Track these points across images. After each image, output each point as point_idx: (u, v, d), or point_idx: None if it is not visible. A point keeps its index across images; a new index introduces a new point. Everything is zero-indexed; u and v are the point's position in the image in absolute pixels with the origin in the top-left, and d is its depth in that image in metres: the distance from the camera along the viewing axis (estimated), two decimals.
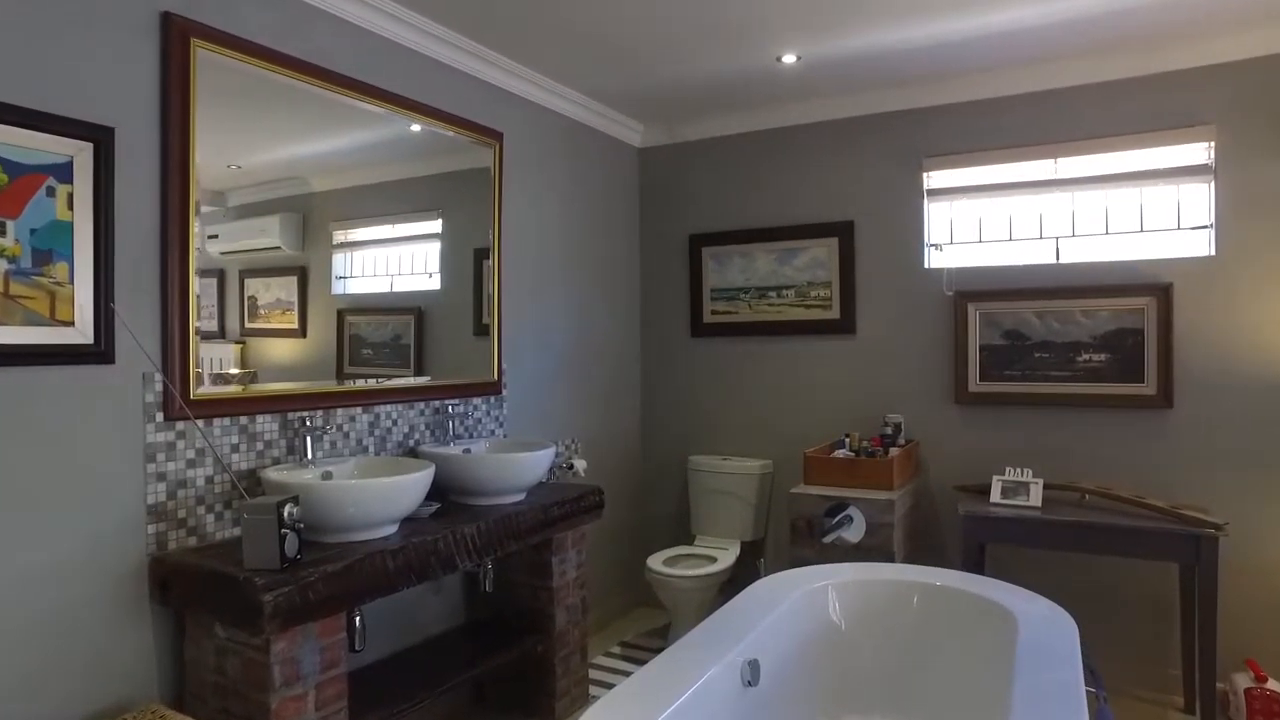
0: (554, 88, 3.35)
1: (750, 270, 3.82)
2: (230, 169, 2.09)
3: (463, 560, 2.25)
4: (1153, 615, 3.02)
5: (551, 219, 3.46)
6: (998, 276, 3.26)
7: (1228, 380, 2.89)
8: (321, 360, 2.38)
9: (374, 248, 2.55)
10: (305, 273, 2.31)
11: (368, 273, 2.52)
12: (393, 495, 2.05)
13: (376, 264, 2.55)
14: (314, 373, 2.34)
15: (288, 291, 2.26)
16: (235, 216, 2.12)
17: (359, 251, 2.48)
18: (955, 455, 3.35)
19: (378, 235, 2.54)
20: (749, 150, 3.81)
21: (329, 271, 2.40)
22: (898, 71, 3.20)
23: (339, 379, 2.41)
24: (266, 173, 2.19)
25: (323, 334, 2.37)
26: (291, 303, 2.27)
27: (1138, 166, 3.03)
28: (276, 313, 2.24)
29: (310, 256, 2.33)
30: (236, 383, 2.14)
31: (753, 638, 2.03)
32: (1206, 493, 2.93)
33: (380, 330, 2.56)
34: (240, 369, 2.15)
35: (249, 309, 2.17)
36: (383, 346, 2.57)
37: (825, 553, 2.90)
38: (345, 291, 2.44)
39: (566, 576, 2.82)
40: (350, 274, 2.46)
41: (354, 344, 2.46)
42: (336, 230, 2.41)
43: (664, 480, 4.08)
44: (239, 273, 2.15)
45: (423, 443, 2.75)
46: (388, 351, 2.58)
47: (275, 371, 2.24)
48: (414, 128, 2.66)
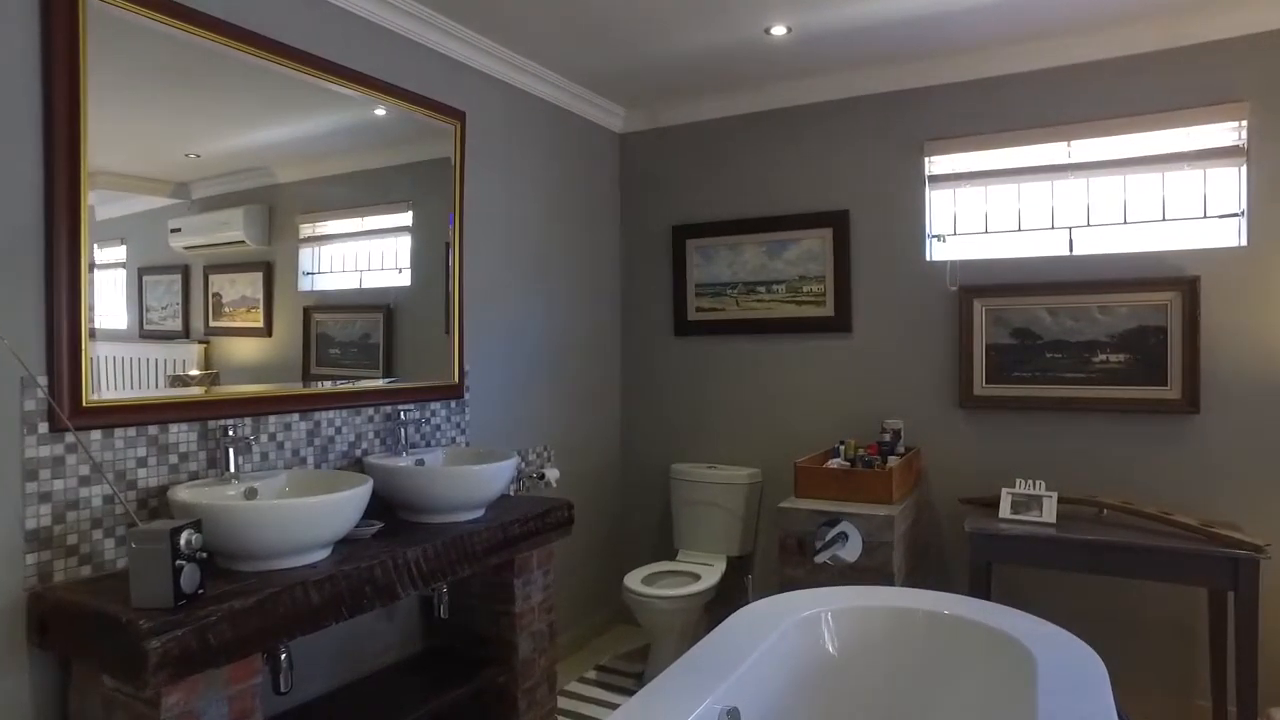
0: (526, 65, 3.08)
1: (738, 264, 3.55)
2: (189, 158, 1.98)
3: (405, 588, 1.97)
4: (1178, 641, 2.76)
5: (524, 208, 3.19)
6: (1006, 270, 3.00)
7: (1261, 383, 2.64)
8: (287, 360, 2.25)
9: (342, 242, 2.42)
10: (271, 268, 2.20)
11: (336, 268, 2.39)
12: (321, 516, 1.78)
13: (345, 259, 2.42)
14: (279, 374, 2.22)
15: (253, 288, 2.16)
16: (198, 209, 2.01)
17: (327, 246, 2.36)
18: (959, 464, 3.09)
19: (346, 229, 2.42)
20: (737, 135, 3.54)
21: (296, 267, 2.28)
22: (897, 46, 2.94)
23: (305, 380, 2.29)
24: (228, 163, 2.08)
25: (289, 333, 2.25)
26: (257, 300, 2.17)
27: (1160, 149, 2.77)
28: (241, 311, 2.13)
29: (276, 251, 2.22)
30: (197, 384, 2.00)
31: (736, 678, 1.77)
32: (1236, 508, 2.67)
33: (348, 329, 2.42)
34: (203, 370, 2.01)
35: (213, 307, 2.06)
36: (351, 346, 2.42)
37: (817, 573, 2.64)
38: (313, 288, 2.32)
39: (531, 600, 2.55)
40: (318, 270, 2.34)
41: (321, 343, 2.34)
42: (303, 223, 2.30)
43: (645, 490, 3.81)
44: (203, 269, 2.04)
45: (371, 452, 2.48)
46: (356, 351, 2.44)
47: (240, 372, 2.12)
48: (378, 111, 2.50)
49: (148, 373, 1.90)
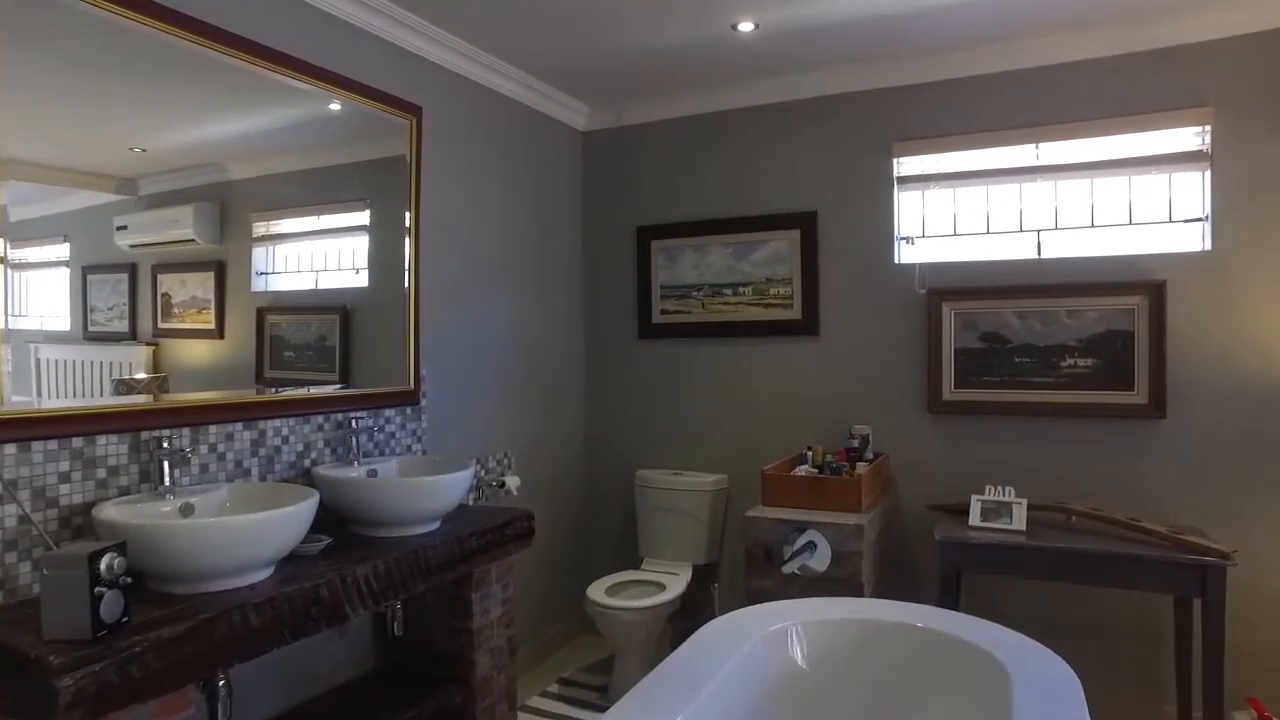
0: (486, 59, 2.97)
1: (704, 265, 3.48)
2: (134, 152, 1.89)
3: (354, 608, 1.86)
4: (1144, 647, 2.76)
5: (483, 207, 3.08)
6: (975, 273, 2.97)
7: (1225, 388, 2.64)
8: (240, 363, 2.17)
9: (298, 241, 2.33)
10: (223, 268, 2.12)
11: (291, 269, 2.30)
12: (262, 534, 1.66)
13: (300, 259, 2.33)
14: (232, 376, 2.13)
15: (204, 288, 2.08)
16: (146, 206, 1.93)
17: (282, 245, 2.28)
18: (928, 470, 3.05)
19: (301, 228, 2.34)
20: (703, 134, 3.47)
21: (249, 267, 2.19)
22: (865, 45, 2.89)
23: (259, 382, 2.19)
24: (177, 158, 2.00)
25: (242, 335, 2.17)
26: (208, 301, 2.09)
27: (1127, 152, 2.77)
28: (192, 312, 2.06)
29: (229, 250, 2.14)
30: (143, 389, 1.91)
31: (706, 694, 1.69)
32: (1201, 513, 2.67)
33: (304, 331, 2.34)
34: (151, 373, 1.93)
35: (162, 307, 1.98)
36: (306, 348, 2.33)
37: (786, 584, 2.58)
38: (267, 289, 2.24)
39: (490, 615, 2.44)
40: (272, 270, 2.25)
41: (275, 345, 2.25)
42: (257, 222, 2.21)
43: (608, 497, 3.72)
44: (151, 268, 1.96)
45: (321, 463, 2.36)
46: (311, 354, 2.35)
47: (190, 375, 2.03)
48: (333, 106, 2.40)
49: (92, 376, 1.80)
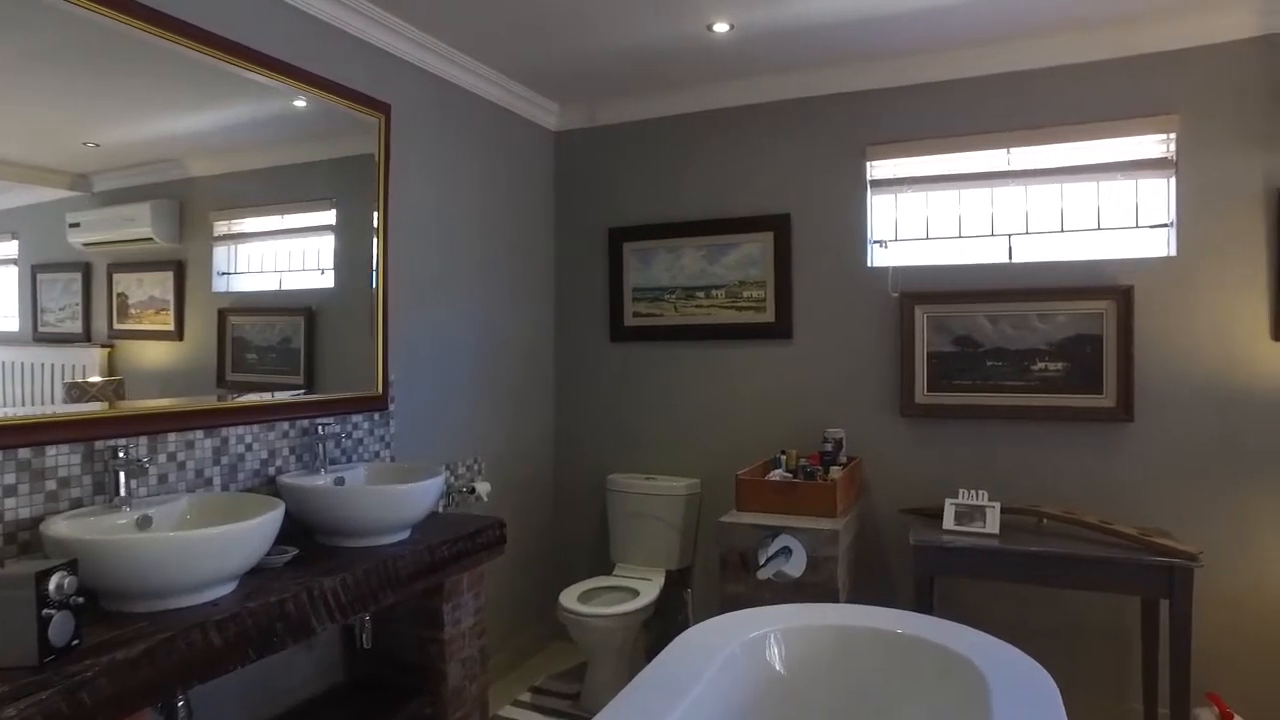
0: (456, 57, 2.92)
1: (676, 268, 3.46)
2: (88, 147, 1.83)
3: (322, 622, 1.80)
4: (1112, 647, 2.79)
5: (452, 208, 3.02)
6: (947, 276, 2.99)
7: (1190, 391, 2.69)
8: (201, 365, 2.11)
9: (261, 241, 2.27)
10: (183, 268, 2.06)
11: (254, 268, 2.24)
12: (225, 547, 1.60)
13: (264, 259, 2.27)
14: (192, 379, 2.08)
15: (162, 289, 2.02)
16: (101, 203, 1.87)
17: (244, 245, 2.22)
18: (901, 474, 3.06)
19: (265, 227, 2.28)
20: (676, 135, 3.45)
21: (210, 266, 2.13)
22: (840, 48, 2.89)
23: (220, 385, 2.13)
24: (134, 153, 1.93)
25: (202, 336, 2.11)
26: (167, 301, 2.03)
27: (1095, 158, 2.80)
28: (150, 312, 2.00)
29: (189, 249, 2.08)
30: (97, 392, 1.85)
31: (686, 706, 1.66)
32: (1167, 514, 2.71)
33: (267, 333, 2.28)
34: (106, 376, 1.86)
35: (118, 308, 1.92)
36: (269, 351, 2.27)
37: (760, 590, 2.56)
38: (228, 289, 2.19)
39: (461, 625, 2.39)
40: (234, 269, 2.20)
41: (237, 347, 2.19)
42: (218, 221, 2.15)
43: (580, 502, 3.68)
44: (106, 267, 1.91)
45: (286, 470, 2.29)
46: (274, 356, 2.29)
47: (148, 378, 1.97)
48: (298, 102, 2.33)
49: (42, 380, 1.73)
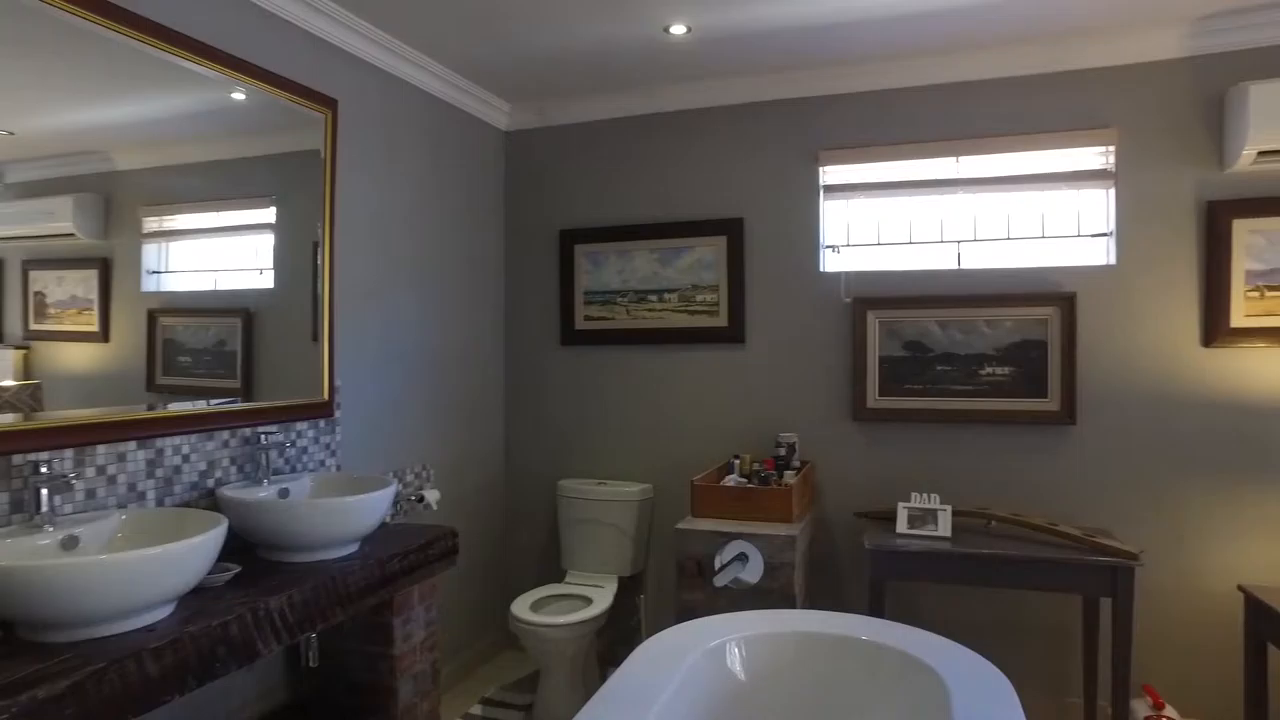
0: (406, 53, 2.83)
1: (628, 271, 3.43)
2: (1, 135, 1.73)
3: (268, 644, 1.71)
4: (1053, 643, 2.87)
5: (401, 207, 2.93)
6: (898, 282, 3.03)
7: (1129, 395, 2.78)
8: (128, 369, 1.99)
9: (195, 238, 2.17)
10: (108, 265, 1.96)
11: (187, 267, 2.14)
12: (160, 569, 1.50)
13: (198, 257, 2.17)
14: (118, 384, 1.96)
15: (85, 287, 1.92)
16: (15, 195, 1.77)
17: (176, 242, 2.12)
18: (853, 478, 3.09)
19: (199, 224, 2.18)
20: (629, 137, 3.42)
21: (138, 265, 2.03)
22: (795, 53, 2.90)
23: (149, 390, 2.02)
24: (54, 143, 1.83)
25: (130, 338, 2.00)
26: (90, 301, 1.93)
27: (1039, 168, 2.88)
28: (71, 312, 1.89)
29: (115, 246, 1.97)
30: (11, 398, 1.74)
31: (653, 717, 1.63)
32: (1108, 514, 2.80)
33: (201, 335, 2.17)
34: (21, 380, 1.76)
35: (35, 307, 1.82)
36: (204, 353, 2.17)
37: (717, 597, 2.55)
38: (159, 289, 2.08)
39: (413, 640, 2.31)
40: (165, 268, 2.09)
41: (169, 350, 2.08)
42: (148, 216, 2.05)
43: (530, 508, 3.62)
44: (21, 263, 1.80)
45: (227, 482, 2.17)
46: (209, 359, 2.18)
47: (70, 382, 1.86)
48: (236, 95, 2.22)
49: None
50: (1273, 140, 2.50)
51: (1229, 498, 2.69)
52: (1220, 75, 2.68)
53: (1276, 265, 2.65)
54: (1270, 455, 2.65)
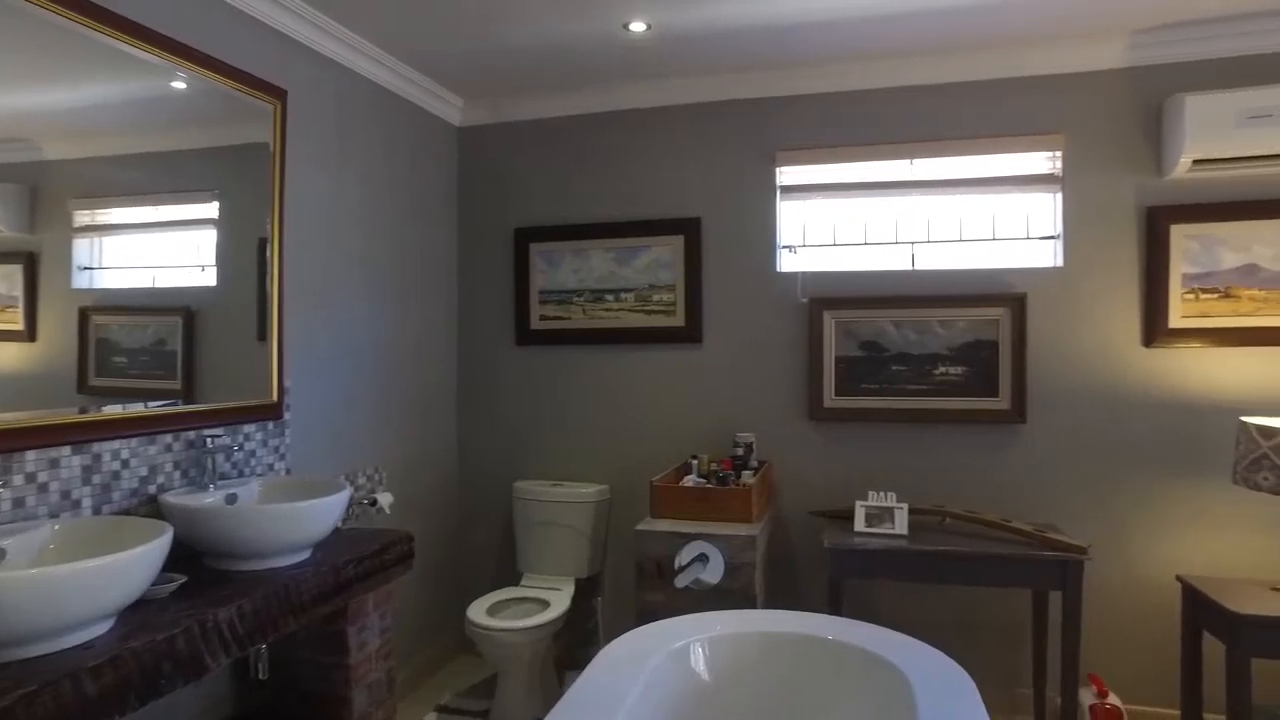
0: (359, 44, 2.75)
1: (585, 270, 3.40)
2: None
3: (216, 657, 1.63)
4: (1003, 637, 2.94)
5: (352, 203, 2.84)
6: (854, 283, 3.06)
7: (1076, 394, 2.86)
8: (58, 369, 1.89)
9: (131, 233, 2.07)
10: (34, 260, 1.86)
11: (122, 263, 2.04)
12: (97, 584, 1.41)
13: (134, 253, 2.07)
14: (46, 384, 1.86)
15: (9, 283, 1.83)
16: None
17: (110, 237, 2.02)
18: (809, 477, 3.11)
19: (135, 218, 2.08)
20: (586, 135, 3.38)
21: (69, 260, 1.93)
22: (754, 54, 2.91)
23: (81, 392, 1.91)
24: None
25: (60, 337, 1.91)
26: (14, 298, 1.83)
27: (991, 172, 2.94)
28: None
29: (42, 241, 1.87)
30: None
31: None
32: (1056, 509, 2.88)
33: (138, 334, 2.07)
34: None
35: None
36: (141, 354, 2.07)
37: (678, 598, 2.54)
38: (91, 285, 1.98)
39: (368, 649, 2.24)
40: (99, 264, 1.99)
41: (103, 350, 1.98)
42: (79, 210, 1.94)
43: (485, 511, 3.56)
44: None
45: (170, 488, 2.07)
46: (147, 360, 2.08)
47: None
48: (178, 84, 2.12)
49: None
50: (1207, 150, 2.60)
51: (1168, 492, 2.80)
52: (1159, 86, 2.78)
53: (1210, 269, 2.76)
54: (1206, 451, 2.76)
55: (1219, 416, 2.74)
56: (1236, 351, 2.74)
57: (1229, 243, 2.75)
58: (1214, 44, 2.70)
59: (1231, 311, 2.75)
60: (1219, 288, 2.76)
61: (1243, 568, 2.72)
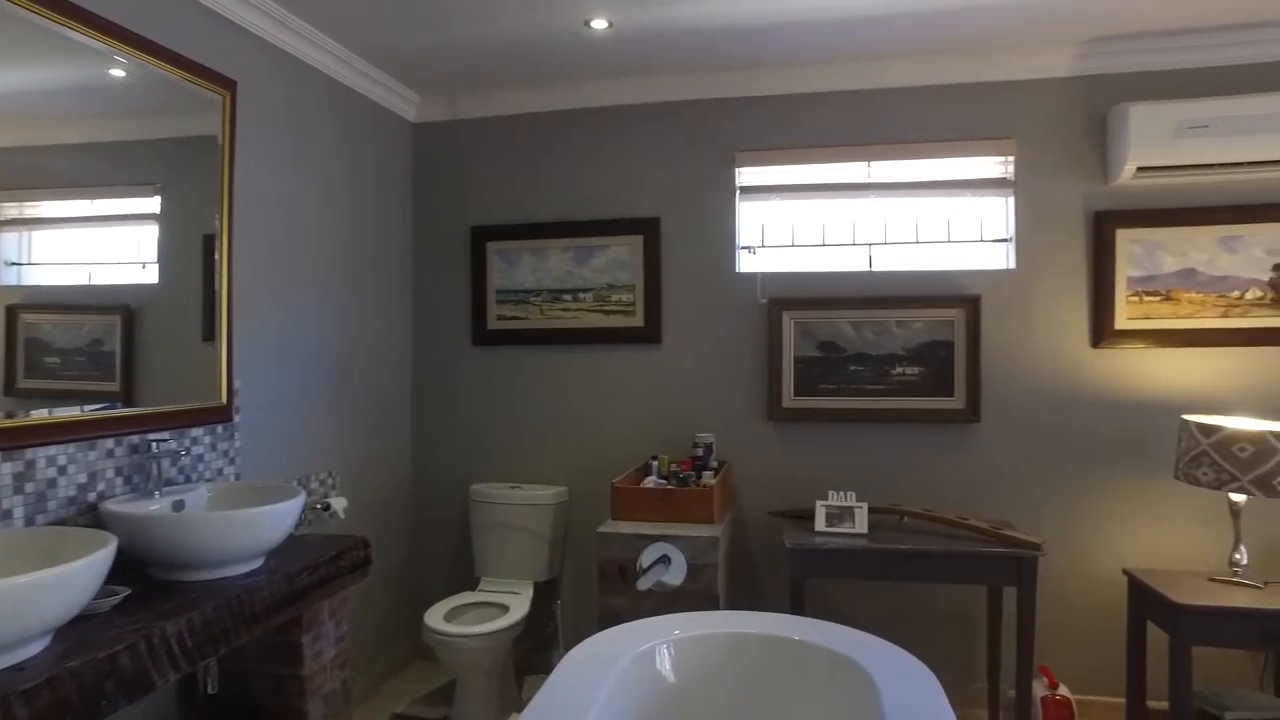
0: (311, 35, 2.67)
1: (543, 270, 3.36)
2: None
3: (164, 674, 1.56)
4: (959, 632, 2.99)
5: (304, 200, 2.76)
6: (812, 283, 3.09)
7: (1028, 393, 2.94)
8: None
9: (65, 227, 1.98)
10: None
11: (55, 259, 1.95)
12: (29, 601, 1.32)
13: (69, 248, 1.98)
14: None
15: None
16: None
17: (41, 231, 1.93)
18: (769, 477, 3.13)
19: (69, 212, 1.98)
20: (544, 133, 3.34)
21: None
22: (715, 54, 2.91)
23: (9, 394, 1.82)
24: None
25: None
26: None
27: (946, 175, 3.00)
28: None
29: None
30: None
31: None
32: (1011, 507, 2.95)
33: (73, 333, 1.98)
34: None
35: None
36: (75, 354, 1.97)
37: (640, 600, 2.52)
38: (20, 282, 1.88)
39: (322, 659, 2.17)
40: (28, 259, 1.90)
41: (33, 350, 1.89)
42: (6, 202, 1.86)
43: (441, 514, 3.49)
44: None
45: (112, 495, 1.98)
46: (82, 360, 1.98)
47: None
48: (118, 72, 2.02)
49: None
50: (1150, 158, 2.69)
51: (1115, 488, 2.89)
52: (1105, 95, 2.86)
53: (1152, 272, 2.86)
54: (1150, 448, 2.85)
55: (1162, 415, 2.84)
56: (1178, 352, 2.84)
57: (1169, 248, 2.85)
58: (1157, 56, 2.80)
59: (1172, 313, 2.84)
60: (1161, 291, 2.85)
61: (1184, 560, 2.82)
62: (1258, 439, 2.33)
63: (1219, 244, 2.82)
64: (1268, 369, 2.79)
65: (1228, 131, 2.61)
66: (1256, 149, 2.61)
